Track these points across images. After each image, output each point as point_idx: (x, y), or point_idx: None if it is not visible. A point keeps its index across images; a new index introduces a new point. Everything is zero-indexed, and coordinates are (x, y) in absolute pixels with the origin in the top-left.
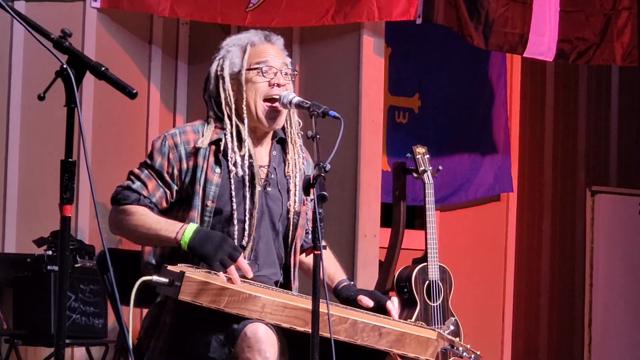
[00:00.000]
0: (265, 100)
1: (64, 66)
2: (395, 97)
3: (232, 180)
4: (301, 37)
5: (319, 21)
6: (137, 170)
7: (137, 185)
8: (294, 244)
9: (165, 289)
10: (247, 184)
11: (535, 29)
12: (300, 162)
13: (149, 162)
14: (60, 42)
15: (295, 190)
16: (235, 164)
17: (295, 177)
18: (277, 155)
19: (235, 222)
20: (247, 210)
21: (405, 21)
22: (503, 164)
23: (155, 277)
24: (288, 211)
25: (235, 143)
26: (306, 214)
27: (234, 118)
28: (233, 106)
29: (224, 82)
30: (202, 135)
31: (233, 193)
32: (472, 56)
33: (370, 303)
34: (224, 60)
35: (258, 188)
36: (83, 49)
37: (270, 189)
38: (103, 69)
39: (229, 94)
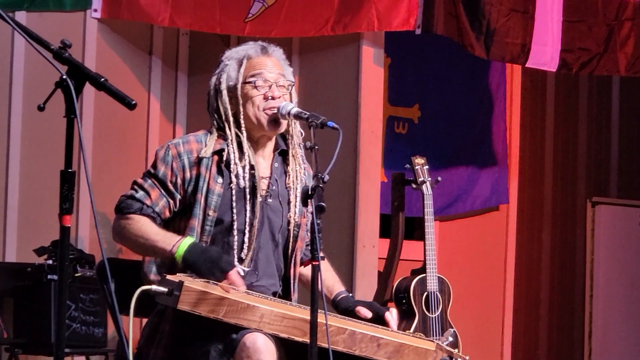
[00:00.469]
0: (265, 110)
1: (64, 77)
2: (394, 107)
3: (233, 191)
4: (300, 47)
5: (319, 32)
6: (140, 180)
7: (140, 194)
8: (293, 255)
9: (164, 299)
10: (248, 194)
11: (538, 39)
12: (301, 174)
13: (152, 171)
14: (59, 53)
15: (296, 202)
16: (237, 176)
17: (296, 188)
18: (279, 167)
19: (235, 232)
20: (248, 221)
21: (404, 31)
22: (500, 176)
23: (154, 287)
24: (288, 223)
25: (237, 154)
26: (306, 225)
27: (234, 129)
28: (231, 119)
29: (221, 96)
30: (205, 145)
31: (234, 203)
32: (471, 66)
33: (368, 314)
34: (222, 74)
35: (259, 199)
36: (83, 60)
37: (270, 200)
38: (102, 79)
39: (227, 107)
